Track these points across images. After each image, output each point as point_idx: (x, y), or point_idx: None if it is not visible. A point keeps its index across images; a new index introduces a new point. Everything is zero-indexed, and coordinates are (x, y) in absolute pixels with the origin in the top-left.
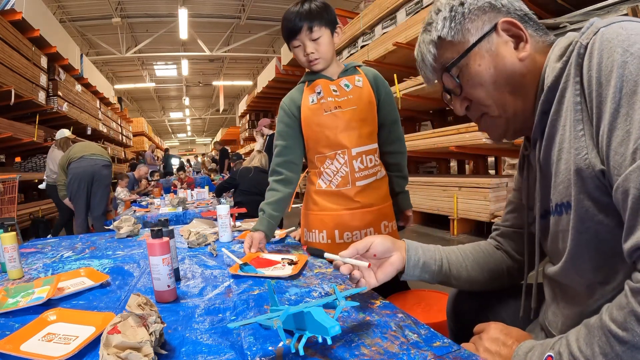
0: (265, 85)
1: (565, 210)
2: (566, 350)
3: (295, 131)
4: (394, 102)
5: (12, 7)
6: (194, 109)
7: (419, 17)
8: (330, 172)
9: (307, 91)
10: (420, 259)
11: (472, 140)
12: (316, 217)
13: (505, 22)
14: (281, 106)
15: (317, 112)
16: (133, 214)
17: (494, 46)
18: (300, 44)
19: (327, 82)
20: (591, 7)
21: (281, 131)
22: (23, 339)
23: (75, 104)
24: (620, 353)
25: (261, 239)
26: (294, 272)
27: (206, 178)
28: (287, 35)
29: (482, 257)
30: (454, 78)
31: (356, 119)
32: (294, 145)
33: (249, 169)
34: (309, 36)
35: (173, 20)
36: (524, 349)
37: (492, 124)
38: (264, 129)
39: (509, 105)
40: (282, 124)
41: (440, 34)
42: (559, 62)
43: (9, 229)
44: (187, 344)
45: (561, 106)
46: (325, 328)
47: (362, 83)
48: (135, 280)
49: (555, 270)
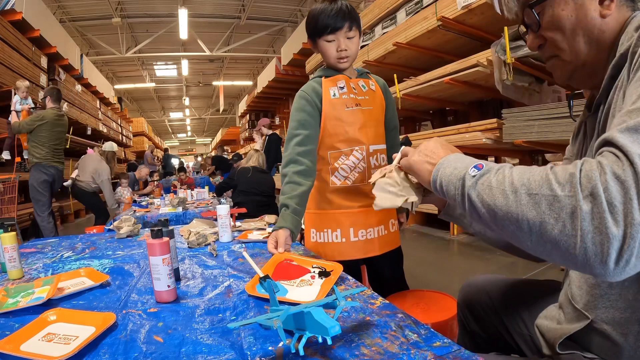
0: (265, 85)
1: None
2: (498, 167)
3: (316, 121)
4: (395, 110)
5: (12, 7)
6: (194, 109)
7: (419, 17)
8: (346, 168)
9: (326, 83)
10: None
11: (472, 140)
12: (330, 217)
13: None
14: (301, 96)
15: (338, 107)
16: (133, 214)
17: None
18: (335, 40)
19: (349, 79)
20: None
21: (302, 120)
22: (23, 339)
23: (75, 104)
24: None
25: (287, 238)
26: (321, 297)
27: (206, 178)
28: (322, 30)
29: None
30: (535, 15)
31: (372, 119)
32: (315, 135)
33: (247, 170)
34: (347, 34)
35: (173, 20)
36: (458, 155)
37: (561, 67)
38: (263, 128)
39: (581, 53)
40: (304, 112)
41: None
42: (636, 32)
43: (9, 229)
44: (187, 344)
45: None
46: (325, 328)
47: (375, 87)
48: (135, 280)
49: None
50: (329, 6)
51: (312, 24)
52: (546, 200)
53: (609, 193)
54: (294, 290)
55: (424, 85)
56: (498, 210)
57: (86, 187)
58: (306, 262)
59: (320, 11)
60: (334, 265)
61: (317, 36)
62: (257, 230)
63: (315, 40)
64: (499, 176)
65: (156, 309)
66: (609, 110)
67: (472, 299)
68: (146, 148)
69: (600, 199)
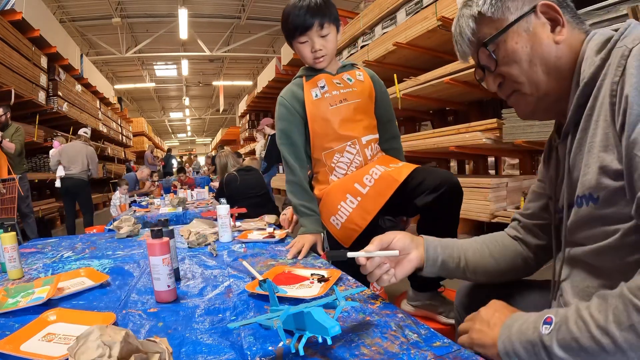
0: (265, 85)
1: (586, 202)
2: (574, 315)
3: (299, 128)
4: (390, 102)
5: (12, 7)
6: (194, 109)
7: (419, 17)
8: (343, 165)
9: (308, 86)
10: (439, 257)
11: (472, 140)
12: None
13: (544, 5)
14: (281, 103)
15: (322, 107)
16: (133, 214)
17: (531, 26)
18: (308, 40)
19: (330, 77)
20: (591, 7)
21: (285, 129)
22: (23, 339)
23: (75, 104)
24: (636, 323)
25: (317, 241)
26: (321, 293)
27: (206, 178)
28: (293, 31)
29: (498, 250)
30: (490, 53)
31: (360, 111)
32: (301, 143)
33: (234, 178)
34: (319, 33)
35: (173, 20)
36: (520, 314)
37: (522, 101)
38: (266, 127)
39: (541, 84)
40: (285, 122)
41: (480, 9)
42: (597, 57)
43: (9, 229)
44: (187, 344)
45: (596, 102)
46: (325, 328)
47: (363, 77)
48: (135, 280)
49: (587, 251)
50: (296, 3)
51: (284, 25)
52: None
53: None
54: (294, 291)
55: (424, 85)
56: (593, 357)
57: (83, 177)
58: (304, 272)
59: (289, 11)
60: (333, 271)
61: (290, 39)
62: (257, 230)
63: (291, 43)
64: (579, 323)
65: (156, 309)
66: (581, 142)
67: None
68: (146, 148)
69: None
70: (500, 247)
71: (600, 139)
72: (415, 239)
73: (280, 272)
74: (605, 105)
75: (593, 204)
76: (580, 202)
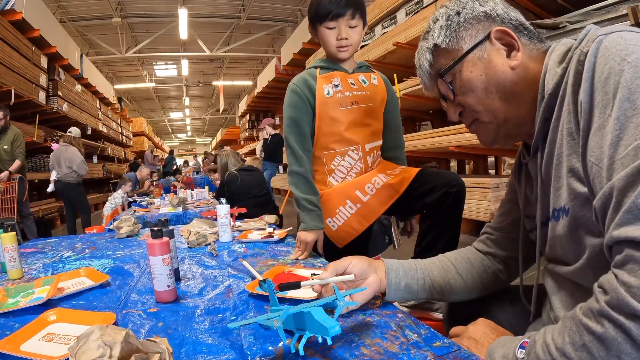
0: (265, 85)
1: (562, 214)
2: (541, 339)
3: (309, 117)
4: (398, 109)
5: (12, 7)
6: (194, 109)
7: (419, 17)
8: (343, 169)
9: (321, 80)
10: (402, 280)
11: (472, 140)
12: (333, 196)
13: (498, 31)
14: (293, 90)
15: (332, 106)
16: (133, 214)
17: (486, 54)
18: (336, 27)
19: (345, 75)
20: (591, 7)
21: (295, 117)
22: (23, 339)
23: (75, 104)
24: (587, 342)
25: (318, 238)
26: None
27: (206, 178)
28: (324, 15)
29: (463, 267)
30: (447, 84)
31: (370, 116)
32: (309, 133)
33: (235, 177)
34: (349, 22)
35: (173, 20)
36: (503, 338)
37: (483, 129)
38: (268, 127)
39: (499, 111)
40: (295, 109)
41: (436, 42)
42: (559, 68)
43: (9, 229)
44: (187, 344)
45: (561, 112)
46: (325, 328)
47: (378, 82)
48: (135, 280)
49: (570, 270)
50: None
51: (314, 8)
52: (595, 344)
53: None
54: (293, 291)
55: None
56: None
57: (70, 179)
58: (304, 272)
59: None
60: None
61: (317, 22)
62: (257, 230)
63: (315, 26)
64: (544, 347)
65: (156, 309)
66: (551, 155)
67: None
68: (146, 148)
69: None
70: (465, 263)
71: (567, 147)
72: (374, 263)
73: (280, 272)
74: (569, 112)
75: (567, 217)
76: (557, 215)
